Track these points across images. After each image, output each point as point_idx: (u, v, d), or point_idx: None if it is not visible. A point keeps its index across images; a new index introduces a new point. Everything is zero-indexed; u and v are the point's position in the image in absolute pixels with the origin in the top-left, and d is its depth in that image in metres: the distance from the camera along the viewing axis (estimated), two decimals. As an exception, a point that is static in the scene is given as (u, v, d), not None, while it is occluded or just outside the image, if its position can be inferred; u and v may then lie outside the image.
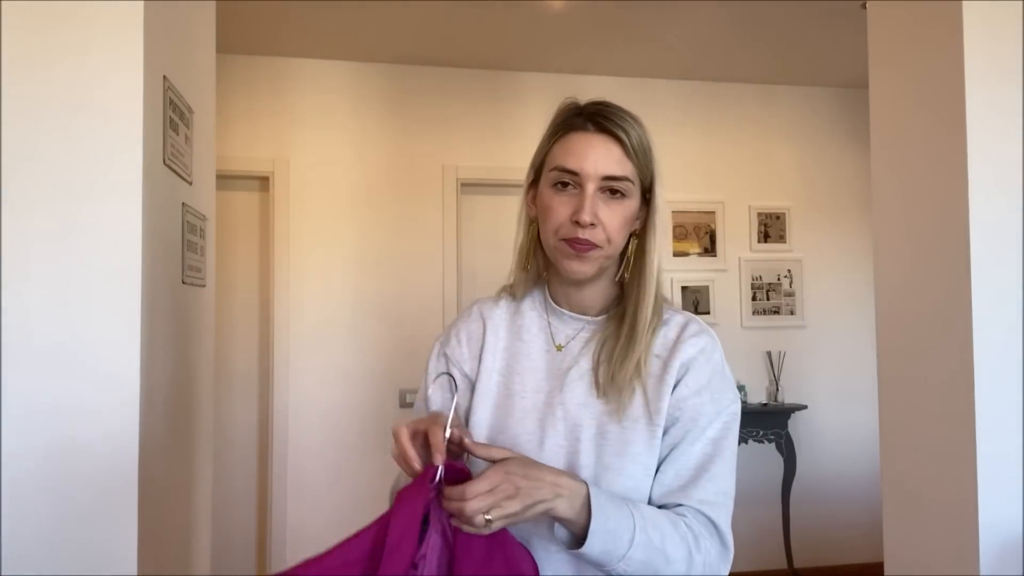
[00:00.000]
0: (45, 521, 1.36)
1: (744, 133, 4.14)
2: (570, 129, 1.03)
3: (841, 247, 4.19)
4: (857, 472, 4.07)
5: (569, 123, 1.04)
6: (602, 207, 1.00)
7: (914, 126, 1.81)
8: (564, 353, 1.05)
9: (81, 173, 1.41)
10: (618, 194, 1.01)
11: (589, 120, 1.02)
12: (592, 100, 1.06)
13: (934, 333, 1.73)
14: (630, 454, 0.97)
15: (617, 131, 1.01)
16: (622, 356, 1.00)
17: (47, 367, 1.38)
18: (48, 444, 1.37)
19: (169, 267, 1.64)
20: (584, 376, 1.03)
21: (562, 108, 1.07)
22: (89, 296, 1.40)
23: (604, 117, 1.02)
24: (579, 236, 0.99)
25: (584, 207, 0.98)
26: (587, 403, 1.01)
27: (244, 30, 3.36)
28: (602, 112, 1.02)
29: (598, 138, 1.01)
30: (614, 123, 1.01)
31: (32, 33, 1.40)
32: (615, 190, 1.01)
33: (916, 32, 1.80)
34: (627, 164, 1.01)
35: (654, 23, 3.35)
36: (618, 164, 1.01)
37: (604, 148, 1.01)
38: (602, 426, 0.99)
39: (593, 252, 1.01)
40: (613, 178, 1.00)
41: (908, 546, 1.82)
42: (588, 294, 1.07)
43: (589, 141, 1.01)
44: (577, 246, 1.00)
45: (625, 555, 0.89)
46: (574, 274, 1.03)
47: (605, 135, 1.01)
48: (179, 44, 1.74)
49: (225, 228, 3.60)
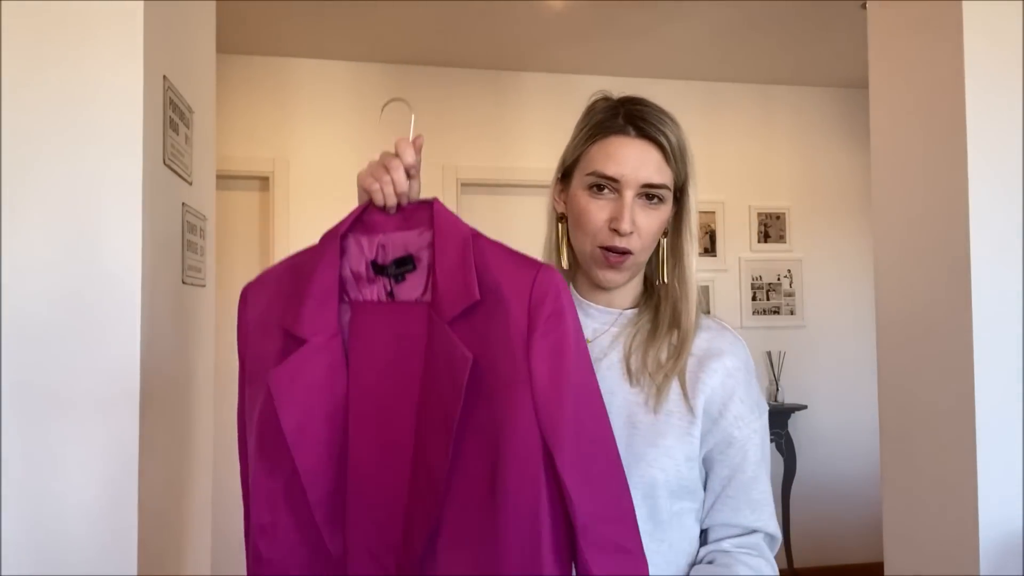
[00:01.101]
0: (45, 521, 1.36)
1: (744, 133, 4.14)
2: (609, 132, 1.00)
3: (841, 247, 4.18)
4: (857, 472, 4.07)
5: (608, 125, 1.00)
6: (639, 213, 0.99)
7: (914, 126, 1.81)
8: (593, 346, 1.03)
9: (81, 173, 1.41)
10: (655, 199, 1.00)
11: (630, 123, 0.99)
12: (628, 97, 1.03)
13: (934, 333, 1.73)
14: (663, 446, 0.97)
15: (659, 136, 0.98)
16: (658, 347, 1.01)
17: (47, 367, 1.38)
18: (48, 444, 1.37)
19: (169, 267, 1.64)
20: (614, 366, 1.02)
21: (598, 106, 1.04)
22: (89, 296, 1.40)
23: (644, 120, 0.99)
24: (616, 244, 0.99)
25: (624, 216, 0.97)
26: (617, 392, 1.00)
27: (244, 30, 3.36)
28: (643, 115, 0.99)
29: (639, 144, 0.98)
30: (655, 127, 0.98)
31: (32, 33, 1.40)
32: (652, 196, 1.00)
33: (916, 32, 1.80)
34: (666, 171, 1.00)
35: (654, 23, 3.35)
36: (657, 171, 0.99)
37: (645, 155, 0.98)
38: (632, 416, 0.98)
39: (627, 261, 1.00)
40: (652, 185, 0.99)
41: (908, 546, 1.82)
42: (616, 294, 1.07)
43: (630, 146, 0.98)
44: (612, 258, 0.99)
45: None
46: (608, 283, 1.03)
47: (646, 140, 0.99)
48: (179, 44, 1.74)
49: (225, 228, 3.60)
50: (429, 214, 0.90)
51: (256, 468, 0.89)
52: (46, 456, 1.37)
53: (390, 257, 0.92)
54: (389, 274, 0.91)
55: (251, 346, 0.92)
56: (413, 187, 0.92)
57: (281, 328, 0.89)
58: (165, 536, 1.63)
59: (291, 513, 0.89)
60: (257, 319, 0.92)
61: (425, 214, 0.91)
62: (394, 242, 0.92)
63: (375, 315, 0.90)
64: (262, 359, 0.90)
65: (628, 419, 0.98)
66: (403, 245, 0.92)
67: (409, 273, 0.91)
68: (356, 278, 0.92)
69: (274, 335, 0.90)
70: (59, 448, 1.38)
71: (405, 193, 0.91)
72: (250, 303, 0.94)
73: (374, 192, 0.91)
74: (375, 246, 0.92)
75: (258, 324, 0.92)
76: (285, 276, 0.93)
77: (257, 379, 0.90)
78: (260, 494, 0.89)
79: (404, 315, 0.90)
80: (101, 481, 1.39)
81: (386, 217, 0.92)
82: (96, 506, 1.39)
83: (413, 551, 0.83)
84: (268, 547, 0.89)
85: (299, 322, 0.87)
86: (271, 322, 0.90)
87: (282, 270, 0.94)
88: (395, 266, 0.91)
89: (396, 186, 0.90)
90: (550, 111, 3.93)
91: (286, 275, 0.92)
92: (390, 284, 0.91)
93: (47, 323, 1.38)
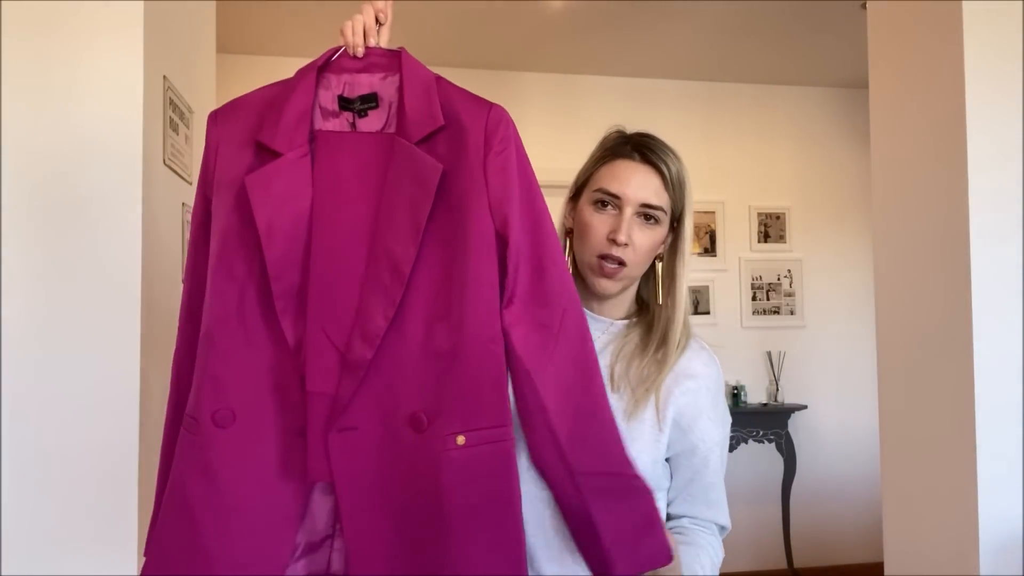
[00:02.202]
0: (45, 521, 1.36)
1: (744, 133, 4.14)
2: (616, 156, 1.14)
3: (841, 247, 4.19)
4: (857, 472, 4.07)
5: (616, 150, 1.14)
6: (636, 230, 1.10)
7: (914, 126, 1.81)
8: None
9: (81, 173, 1.41)
10: (652, 220, 1.11)
11: (636, 150, 1.13)
12: (639, 132, 1.17)
13: (934, 333, 1.73)
14: (634, 451, 1.04)
15: (660, 164, 1.11)
16: (644, 362, 1.11)
17: (47, 367, 1.38)
18: (48, 444, 1.37)
19: (169, 267, 1.65)
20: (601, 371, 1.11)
21: (610, 136, 1.18)
22: (89, 296, 1.40)
23: (649, 149, 1.12)
24: (612, 253, 1.10)
25: (621, 228, 1.09)
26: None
27: (244, 30, 3.36)
28: (647, 144, 1.13)
29: (642, 168, 1.12)
30: (657, 156, 1.12)
31: (32, 33, 1.40)
32: (649, 216, 1.11)
33: (916, 32, 1.80)
34: (664, 195, 1.12)
35: (654, 23, 3.35)
36: (656, 194, 1.11)
37: (646, 178, 1.11)
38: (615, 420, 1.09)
39: (621, 272, 1.11)
40: (650, 206, 1.11)
41: (908, 546, 1.82)
42: (609, 305, 1.18)
43: (634, 169, 1.12)
44: (607, 267, 1.11)
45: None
46: (601, 290, 1.14)
47: (648, 166, 1.12)
48: (179, 44, 1.74)
49: (225, 228, 3.60)
50: (395, 61, 1.04)
51: (215, 272, 0.99)
52: (47, 456, 1.37)
53: (355, 94, 1.05)
54: (354, 109, 1.04)
55: (220, 159, 1.02)
56: (383, 34, 1.05)
57: (255, 142, 1.00)
58: (165, 536, 1.63)
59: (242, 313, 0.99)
60: (228, 136, 1.03)
61: (391, 61, 1.05)
62: (359, 82, 1.05)
63: (339, 141, 1.03)
64: (233, 169, 1.00)
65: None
66: (368, 85, 1.05)
67: (371, 110, 1.04)
68: (323, 112, 1.04)
69: (247, 150, 1.01)
70: (59, 448, 1.38)
71: (372, 33, 1.04)
72: (219, 123, 1.03)
73: (345, 31, 1.03)
74: (342, 84, 1.05)
75: (230, 140, 1.02)
76: (258, 101, 1.04)
77: (225, 188, 1.00)
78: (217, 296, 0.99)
79: (365, 143, 1.03)
80: (101, 481, 1.39)
81: (354, 60, 1.05)
82: (96, 505, 1.39)
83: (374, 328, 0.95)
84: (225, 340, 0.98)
85: (275, 138, 0.99)
86: (245, 138, 1.01)
87: (255, 97, 1.05)
88: (360, 101, 1.04)
89: (365, 26, 1.03)
90: (550, 111, 3.93)
91: (259, 101, 1.04)
92: (353, 118, 1.05)
93: (47, 323, 1.38)
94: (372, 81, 1.05)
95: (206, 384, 0.98)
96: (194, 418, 0.97)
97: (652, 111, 4.03)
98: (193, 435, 0.97)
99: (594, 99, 3.98)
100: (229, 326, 0.99)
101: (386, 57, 1.05)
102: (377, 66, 1.05)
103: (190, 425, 0.98)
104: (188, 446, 0.98)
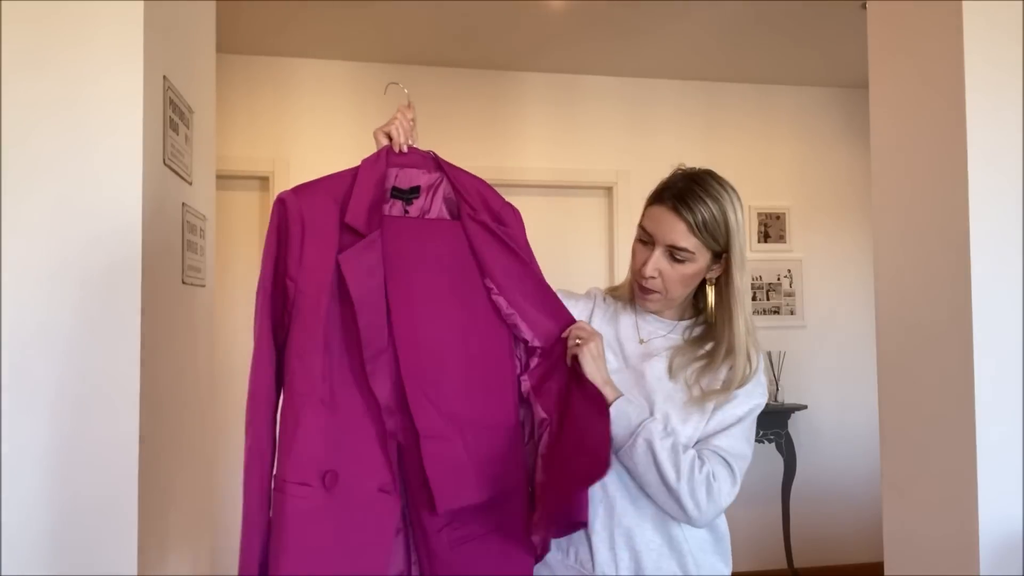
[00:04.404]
0: (45, 521, 1.36)
1: (744, 133, 4.13)
2: (657, 201, 1.32)
3: (841, 247, 4.18)
4: (857, 472, 4.07)
5: (659, 195, 1.32)
6: (664, 264, 1.30)
7: (914, 126, 1.81)
8: (647, 344, 1.37)
9: (81, 173, 1.41)
10: (679, 260, 1.29)
11: (673, 197, 1.29)
12: (689, 175, 1.32)
13: (934, 333, 1.73)
14: (692, 422, 1.29)
15: (685, 212, 1.27)
16: (716, 376, 1.31)
17: (47, 367, 1.38)
18: (48, 444, 1.37)
19: (169, 267, 1.64)
20: (662, 360, 1.34)
21: (668, 177, 1.35)
22: (89, 296, 1.40)
23: (682, 200, 1.28)
24: (643, 284, 1.32)
25: (648, 264, 1.30)
26: (663, 379, 1.32)
27: (244, 30, 3.36)
28: (684, 192, 1.29)
29: (670, 215, 1.28)
30: (687, 205, 1.27)
31: (32, 33, 1.40)
32: (676, 257, 1.29)
33: (916, 32, 1.80)
34: (691, 239, 1.27)
35: (654, 23, 3.35)
36: (682, 237, 1.28)
37: (673, 225, 1.28)
38: (669, 399, 1.30)
39: (653, 296, 1.33)
40: (676, 247, 1.28)
41: (908, 546, 1.82)
42: (665, 312, 1.40)
43: (664, 216, 1.29)
44: (642, 291, 1.34)
45: (635, 430, 1.23)
46: (643, 307, 1.39)
47: (675, 214, 1.28)
48: (179, 44, 1.74)
49: (225, 228, 3.60)
50: (427, 159, 1.31)
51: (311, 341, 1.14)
52: (47, 456, 1.37)
53: (407, 186, 1.29)
54: (404, 198, 1.29)
55: (309, 236, 1.17)
56: (413, 135, 1.31)
57: (343, 224, 1.18)
58: (165, 536, 1.63)
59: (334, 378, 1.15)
60: (312, 214, 1.18)
61: (424, 158, 1.31)
62: (409, 176, 1.30)
63: (402, 225, 1.26)
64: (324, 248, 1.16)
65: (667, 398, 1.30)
66: (415, 178, 1.29)
67: (415, 199, 1.29)
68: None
69: (332, 231, 1.18)
70: (59, 448, 1.38)
71: (410, 136, 1.30)
72: (290, 207, 1.19)
73: (392, 132, 1.28)
74: (393, 176, 1.28)
75: (313, 219, 1.18)
76: (330, 187, 1.22)
77: (316, 268, 1.15)
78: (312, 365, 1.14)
79: (428, 227, 1.29)
80: (101, 480, 1.39)
81: (400, 156, 1.29)
82: (96, 506, 1.39)
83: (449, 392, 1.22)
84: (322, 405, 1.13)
85: (358, 220, 1.18)
86: (328, 220, 1.18)
87: (329, 183, 1.23)
88: (408, 192, 1.29)
89: (406, 130, 1.29)
90: (550, 111, 3.93)
91: (330, 187, 1.22)
92: (403, 205, 1.29)
93: (47, 323, 1.38)
94: (418, 175, 1.29)
95: (308, 447, 1.10)
96: (302, 482, 1.10)
97: (652, 111, 4.03)
98: (299, 498, 1.09)
99: (594, 99, 3.98)
100: (325, 391, 1.13)
101: (420, 155, 1.31)
102: (418, 163, 1.29)
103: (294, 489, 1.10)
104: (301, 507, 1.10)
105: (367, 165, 1.24)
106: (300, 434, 1.11)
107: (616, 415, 1.24)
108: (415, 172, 1.29)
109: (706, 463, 1.25)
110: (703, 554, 1.31)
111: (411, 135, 1.30)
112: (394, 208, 1.27)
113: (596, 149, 3.96)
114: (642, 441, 1.23)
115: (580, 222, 4.05)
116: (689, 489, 1.22)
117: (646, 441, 1.23)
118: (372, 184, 1.21)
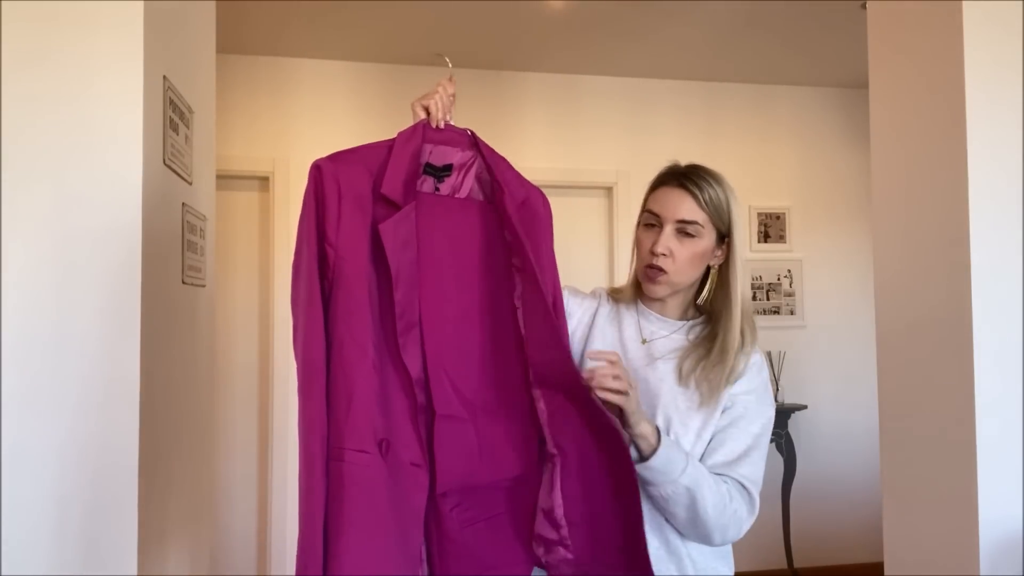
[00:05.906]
0: (45, 521, 1.36)
1: (744, 133, 4.13)
2: (661, 184, 1.36)
3: (841, 247, 4.18)
4: (857, 472, 4.07)
5: (663, 180, 1.36)
6: (674, 242, 1.32)
7: (914, 126, 1.81)
8: (649, 345, 1.38)
9: (81, 173, 1.41)
10: (689, 234, 1.31)
11: (675, 178, 1.34)
12: (689, 164, 1.37)
13: (934, 332, 1.73)
14: (693, 428, 1.29)
15: (692, 187, 1.32)
16: (710, 362, 1.31)
17: (47, 367, 1.38)
18: (48, 444, 1.37)
19: (169, 267, 1.64)
20: (670, 364, 1.34)
21: (664, 169, 1.39)
22: (89, 296, 1.40)
23: (687, 177, 1.33)
24: (654, 263, 1.32)
25: (660, 241, 1.31)
26: (668, 383, 1.33)
27: (244, 30, 3.36)
28: (687, 173, 1.34)
29: (678, 191, 1.33)
30: (692, 181, 1.32)
31: (32, 32, 1.40)
32: (686, 231, 1.31)
33: (916, 32, 1.80)
34: (698, 212, 1.31)
35: (654, 23, 3.35)
36: (689, 211, 1.31)
37: (681, 199, 1.32)
38: (674, 401, 1.31)
39: (662, 277, 1.33)
40: (685, 221, 1.31)
41: (908, 546, 1.82)
42: (667, 307, 1.41)
43: (671, 193, 1.33)
44: (651, 273, 1.34)
45: (677, 479, 1.21)
46: (651, 293, 1.38)
47: (683, 189, 1.32)
48: (179, 44, 1.74)
49: (225, 228, 3.60)
50: (463, 137, 1.29)
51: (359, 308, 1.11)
52: (47, 456, 1.37)
53: (441, 163, 1.26)
54: (436, 175, 1.26)
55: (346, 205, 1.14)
56: (451, 112, 1.30)
57: (378, 195, 1.16)
58: (165, 536, 1.63)
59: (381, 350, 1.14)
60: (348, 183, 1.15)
61: (461, 136, 1.29)
62: (443, 153, 1.27)
63: (435, 202, 1.25)
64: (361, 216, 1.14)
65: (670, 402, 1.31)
66: (449, 156, 1.27)
67: (446, 176, 1.27)
68: None
69: (367, 201, 1.16)
70: (59, 448, 1.38)
71: (449, 110, 1.28)
72: (326, 174, 1.15)
73: (431, 107, 1.25)
74: (428, 152, 1.25)
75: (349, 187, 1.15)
76: (364, 158, 1.19)
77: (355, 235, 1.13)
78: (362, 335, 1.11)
79: (459, 206, 1.27)
80: (101, 480, 1.39)
81: (437, 132, 1.26)
82: (96, 506, 1.39)
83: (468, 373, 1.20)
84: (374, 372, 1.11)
85: (395, 192, 1.17)
86: (364, 190, 1.16)
87: (364, 152, 1.20)
88: (441, 169, 1.26)
89: (445, 105, 1.27)
90: (550, 111, 3.93)
91: (365, 157, 1.19)
92: (434, 182, 1.26)
93: (47, 323, 1.38)
94: (452, 152, 1.27)
95: (365, 413, 1.08)
96: (360, 449, 1.08)
97: (652, 111, 4.03)
98: (359, 466, 1.08)
99: (594, 99, 3.98)
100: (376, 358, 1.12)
101: (456, 132, 1.29)
102: (453, 140, 1.27)
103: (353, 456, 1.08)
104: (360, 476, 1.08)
105: (403, 138, 1.21)
106: (356, 400, 1.08)
107: (662, 464, 1.22)
108: (449, 150, 1.26)
109: (733, 500, 1.26)
110: (702, 557, 1.31)
111: (449, 111, 1.28)
112: (425, 184, 1.26)
113: (596, 149, 3.96)
114: (684, 489, 1.22)
115: (580, 222, 4.05)
116: (721, 527, 1.25)
117: (687, 490, 1.22)
118: (408, 157, 1.19)
